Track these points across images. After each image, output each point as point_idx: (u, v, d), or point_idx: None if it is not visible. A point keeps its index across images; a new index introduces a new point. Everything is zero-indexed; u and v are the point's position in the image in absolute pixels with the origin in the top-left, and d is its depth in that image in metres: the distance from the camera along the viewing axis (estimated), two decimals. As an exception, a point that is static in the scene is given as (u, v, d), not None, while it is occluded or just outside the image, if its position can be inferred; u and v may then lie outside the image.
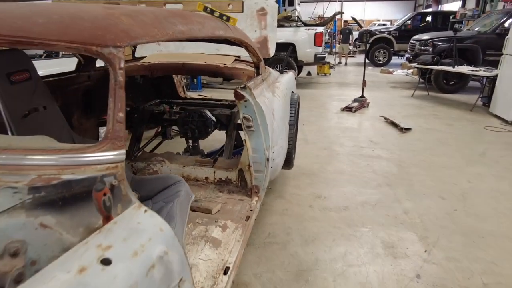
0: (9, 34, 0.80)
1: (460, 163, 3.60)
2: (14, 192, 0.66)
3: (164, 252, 0.69)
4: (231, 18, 1.61)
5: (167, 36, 1.06)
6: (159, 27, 1.04)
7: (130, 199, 0.77)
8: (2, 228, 0.62)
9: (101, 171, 0.73)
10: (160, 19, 1.08)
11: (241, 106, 1.76)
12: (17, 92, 1.27)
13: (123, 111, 0.83)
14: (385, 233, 2.39)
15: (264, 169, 1.89)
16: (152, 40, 0.98)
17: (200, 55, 2.82)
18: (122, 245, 0.63)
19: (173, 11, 1.22)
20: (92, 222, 0.70)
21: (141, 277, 0.61)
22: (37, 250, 0.65)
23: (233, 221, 1.73)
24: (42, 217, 0.66)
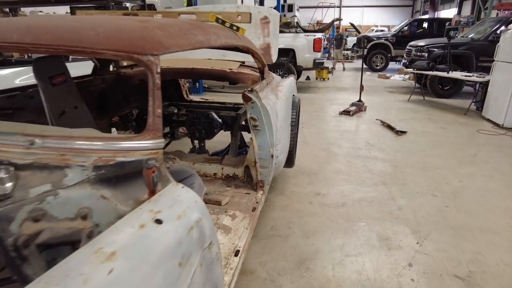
0: (68, 44, 0.97)
1: (453, 164, 3.79)
2: (82, 170, 0.83)
3: (199, 218, 0.86)
4: (240, 28, 1.80)
5: (190, 46, 1.24)
6: (184, 38, 1.22)
7: (168, 179, 0.94)
8: (75, 196, 0.79)
9: (146, 155, 0.90)
10: (184, 31, 1.26)
11: (249, 107, 1.94)
12: (56, 93, 1.44)
13: (161, 108, 1.01)
14: (380, 227, 2.56)
15: (269, 165, 2.07)
16: (179, 50, 1.16)
17: (207, 61, 3.00)
18: (168, 211, 0.80)
19: (193, 23, 1.40)
20: (139, 196, 0.87)
21: (184, 235, 0.78)
22: (99, 216, 0.81)
23: (241, 212, 1.90)
24: (102, 190, 0.83)
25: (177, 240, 0.75)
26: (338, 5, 27.74)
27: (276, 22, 3.16)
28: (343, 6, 28.13)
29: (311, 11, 20.99)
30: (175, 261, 0.72)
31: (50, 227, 0.73)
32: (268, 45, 3.03)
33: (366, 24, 25.66)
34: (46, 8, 9.42)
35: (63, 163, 0.82)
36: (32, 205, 0.74)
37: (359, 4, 28.13)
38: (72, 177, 0.81)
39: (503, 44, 5.28)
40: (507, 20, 7.07)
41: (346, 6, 28.20)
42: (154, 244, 0.70)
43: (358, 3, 28.13)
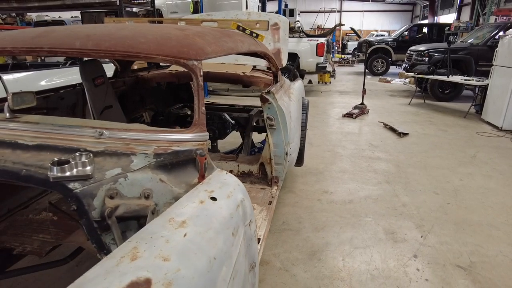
0: (125, 50, 1.13)
1: (453, 164, 3.94)
2: (145, 157, 0.98)
3: (243, 199, 1.01)
4: (259, 35, 1.96)
5: (224, 52, 1.40)
6: (219, 44, 1.38)
7: (213, 167, 1.10)
8: (140, 179, 0.94)
9: (194, 146, 1.06)
10: (217, 39, 1.42)
11: (265, 108, 2.10)
12: (98, 93, 1.60)
13: (204, 106, 1.16)
14: (386, 222, 2.71)
15: (283, 162, 2.22)
16: (216, 56, 1.31)
17: (221, 65, 3.17)
18: (219, 191, 0.95)
19: (223, 32, 1.56)
20: (189, 180, 1.02)
21: (234, 210, 0.93)
22: (158, 196, 0.96)
23: (258, 205, 2.05)
24: (160, 174, 0.98)
25: (230, 214, 0.90)
26: (339, 9, 28.09)
27: (286, 28, 3.32)
28: (344, 11, 28.48)
29: (312, 16, 21.28)
30: (229, 231, 0.86)
31: (124, 203, 0.88)
32: (278, 50, 3.20)
33: (366, 29, 25.98)
34: (52, 13, 9.59)
35: (129, 150, 0.97)
36: (109, 185, 0.89)
37: (360, 9, 28.48)
38: (137, 162, 0.96)
39: (501, 49, 5.46)
40: (505, 26, 7.26)
41: (346, 11, 28.55)
42: (213, 215, 0.85)
43: (358, 8, 28.48)
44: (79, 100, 2.36)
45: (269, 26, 3.29)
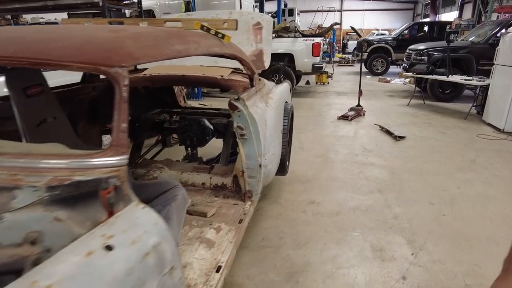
0: (32, 56, 0.93)
1: (451, 169, 3.71)
2: (34, 190, 0.78)
3: (158, 243, 0.81)
4: (226, 35, 1.76)
5: (165, 56, 1.20)
6: (158, 48, 1.18)
7: (130, 198, 0.90)
8: (23, 220, 0.74)
9: (106, 173, 0.86)
10: (159, 41, 1.22)
11: (235, 116, 1.89)
12: (31, 104, 1.41)
13: (126, 122, 0.96)
14: (374, 237, 2.50)
15: (257, 175, 2.01)
16: (151, 61, 1.11)
17: (199, 67, 2.96)
18: (123, 235, 0.75)
19: (171, 32, 1.36)
20: (98, 217, 0.82)
21: (137, 262, 0.73)
22: (52, 239, 0.77)
23: (227, 224, 1.85)
24: (57, 212, 0.78)
25: (127, 269, 0.70)
26: (339, 9, 27.82)
27: (269, 28, 3.12)
28: (344, 10, 28.20)
29: (312, 15, 21.06)
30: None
31: (-7, 254, 0.69)
32: (260, 51, 2.99)
33: (367, 28, 25.70)
34: (47, 15, 9.45)
35: (13, 183, 0.77)
36: None
37: (360, 8, 28.18)
38: (22, 198, 0.77)
39: (502, 47, 5.22)
40: (507, 23, 7.00)
41: (347, 10, 28.27)
42: (100, 274, 0.65)
43: (359, 7, 28.19)
44: None
45: (252, 25, 3.09)
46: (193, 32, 1.57)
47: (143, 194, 1.80)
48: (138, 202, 0.90)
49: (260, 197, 3.06)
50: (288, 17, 19.76)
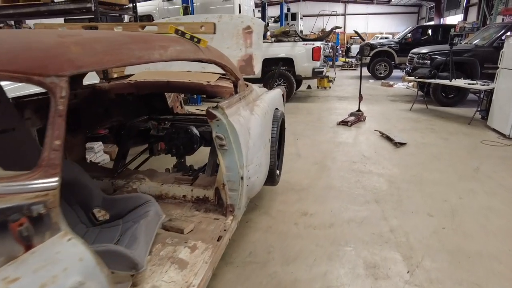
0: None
1: (453, 178, 3.55)
2: None
3: (80, 283, 0.69)
4: (202, 40, 1.64)
5: (120, 62, 1.08)
6: (112, 54, 1.06)
7: (59, 227, 0.78)
8: None
9: (29, 199, 0.74)
10: (115, 46, 1.10)
11: (214, 125, 1.77)
12: None
13: (61, 139, 0.85)
14: (368, 252, 2.35)
15: (239, 188, 1.89)
16: (100, 68, 1.00)
17: (186, 73, 2.86)
18: (31, 277, 0.63)
19: (134, 37, 1.25)
20: (14, 251, 0.70)
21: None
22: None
23: (204, 242, 1.72)
24: None
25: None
26: (343, 13, 27.73)
27: (260, 32, 3.01)
28: (348, 14, 28.08)
29: (318, 20, 20.96)
30: None
31: None
32: (250, 56, 2.88)
33: (371, 32, 25.52)
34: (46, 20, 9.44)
35: None
36: None
37: (364, 12, 28.04)
38: None
39: (507, 50, 5.05)
40: None
41: (350, 14, 28.15)
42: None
43: (363, 11, 28.05)
44: None
45: (242, 29, 2.98)
46: (163, 37, 1.46)
47: (114, 210, 1.69)
48: (65, 233, 0.78)
49: (249, 208, 2.94)
50: (291, 21, 19.75)
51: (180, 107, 4.26)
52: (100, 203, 1.69)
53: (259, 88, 2.93)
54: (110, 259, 1.29)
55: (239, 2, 8.37)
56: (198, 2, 8.38)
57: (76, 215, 1.67)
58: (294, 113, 7.06)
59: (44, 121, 2.30)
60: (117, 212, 1.70)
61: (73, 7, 4.50)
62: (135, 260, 1.30)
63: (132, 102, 3.16)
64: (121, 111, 3.07)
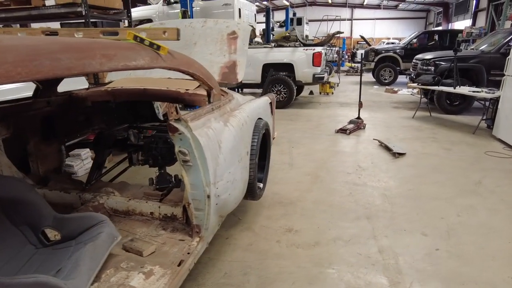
0: None
1: (452, 193, 3.34)
2: None
3: None
4: (161, 46, 1.51)
5: (39, 75, 0.95)
6: (28, 65, 0.92)
7: None
8: None
9: None
10: (36, 56, 0.97)
11: (176, 140, 1.63)
12: None
13: None
14: (352, 275, 2.17)
15: (205, 207, 1.73)
16: (7, 82, 0.86)
17: (166, 80, 2.73)
18: None
19: (68, 45, 1.11)
20: None
21: None
22: None
23: (162, 267, 1.56)
24: None
25: None
26: (349, 17, 27.53)
27: (246, 38, 2.87)
28: (355, 19, 27.86)
29: (323, 25, 20.81)
30: None
31: None
32: (234, 62, 2.74)
33: (378, 37, 25.27)
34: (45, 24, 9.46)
35: None
36: None
37: (371, 17, 27.78)
38: None
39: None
40: (520, 31, 6.58)
41: (357, 19, 27.92)
42: None
43: (370, 16, 27.80)
44: None
45: (226, 35, 2.85)
46: (112, 44, 1.32)
47: (66, 230, 1.55)
48: None
49: (232, 222, 2.79)
50: (297, 26, 19.64)
51: (176, 113, 4.12)
52: (50, 222, 1.56)
53: (242, 96, 2.79)
54: (40, 293, 1.15)
55: (239, 7, 8.27)
56: (199, 6, 8.31)
57: (23, 236, 1.54)
58: (293, 120, 6.90)
59: (11, 130, 2.18)
60: (69, 232, 1.56)
61: (64, 11, 4.43)
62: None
63: (115, 109, 3.04)
64: (103, 118, 2.96)
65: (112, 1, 4.76)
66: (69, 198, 2.13)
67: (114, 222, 1.97)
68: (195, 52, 2.83)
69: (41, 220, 1.53)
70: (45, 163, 2.48)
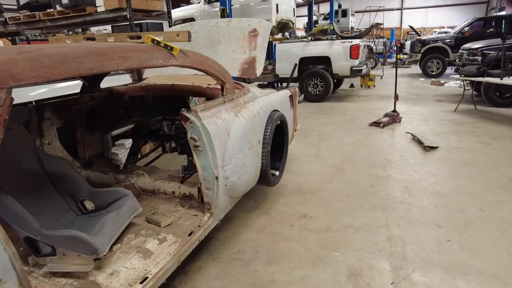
0: None
1: (479, 188, 3.23)
2: None
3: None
4: (174, 47, 1.76)
5: (67, 74, 1.24)
6: (59, 67, 1.22)
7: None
8: None
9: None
10: (65, 60, 1.26)
11: (188, 127, 1.89)
12: None
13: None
14: (357, 259, 2.28)
15: (214, 187, 1.98)
16: (43, 80, 1.16)
17: (192, 76, 3.02)
18: None
19: (91, 50, 1.40)
20: None
21: None
22: None
23: (174, 235, 1.84)
24: None
25: None
26: (399, 7, 26.10)
27: (266, 35, 3.06)
28: (405, 8, 26.34)
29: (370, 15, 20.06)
30: None
31: None
32: (253, 58, 2.94)
33: (430, 26, 23.68)
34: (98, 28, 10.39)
35: None
36: None
37: (423, 5, 26.05)
38: None
39: None
40: None
41: (408, 8, 26.36)
42: None
43: (422, 4, 26.07)
44: (33, 117, 2.41)
45: (248, 33, 3.06)
46: (129, 47, 1.60)
47: (98, 201, 1.90)
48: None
49: (251, 207, 3.02)
50: (342, 18, 19.17)
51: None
52: (87, 194, 1.91)
53: (260, 90, 2.99)
54: (74, 244, 1.48)
55: (277, 2, 8.40)
56: (238, 3, 8.60)
57: (67, 204, 1.91)
58: (327, 113, 6.92)
59: (63, 121, 2.62)
60: (101, 203, 1.90)
61: (113, 16, 4.95)
62: (94, 245, 1.47)
63: (152, 103, 3.42)
64: (141, 111, 3.34)
65: (154, 4, 5.21)
66: (107, 179, 2.51)
67: (142, 199, 2.31)
68: (219, 50, 3.08)
69: (79, 192, 1.89)
70: (90, 149, 2.91)
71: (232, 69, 2.89)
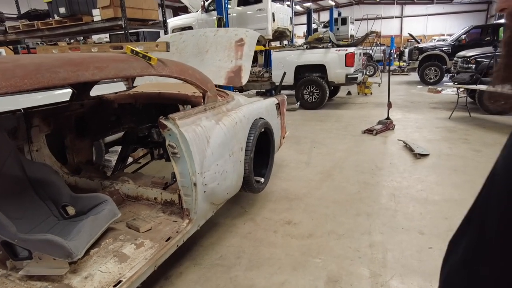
0: None
1: (467, 195, 3.25)
2: None
3: None
4: (152, 57, 1.82)
5: (40, 84, 1.30)
6: (32, 77, 1.28)
7: None
8: None
9: None
10: (39, 70, 1.32)
11: (166, 135, 1.94)
12: None
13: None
14: (337, 265, 2.30)
15: (192, 193, 2.01)
16: (15, 90, 1.22)
17: (179, 85, 3.07)
18: None
19: (67, 60, 1.45)
20: None
21: None
22: None
23: (152, 241, 1.88)
24: None
25: None
26: (399, 15, 26.30)
27: (252, 44, 3.12)
28: (405, 16, 26.54)
29: (370, 23, 20.22)
30: None
31: None
32: (239, 67, 3.00)
33: (430, 34, 23.81)
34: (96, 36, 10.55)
35: None
36: None
37: (423, 13, 26.23)
38: None
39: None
40: None
41: (408, 16, 26.55)
42: None
43: (421, 12, 26.25)
44: (21, 124, 2.47)
45: (234, 42, 3.13)
46: (106, 57, 1.66)
47: (79, 206, 1.94)
48: None
49: (237, 213, 3.05)
50: (342, 26, 19.32)
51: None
52: (68, 199, 1.96)
53: (245, 98, 3.04)
54: (49, 247, 1.52)
55: (273, 11, 8.52)
56: (235, 12, 8.73)
57: (48, 209, 1.95)
58: (322, 120, 6.97)
59: (51, 128, 2.68)
60: (81, 208, 1.94)
61: (108, 25, 5.05)
62: (69, 249, 1.51)
63: (142, 110, 3.48)
64: (132, 118, 3.40)
65: (149, 13, 5.31)
66: (93, 184, 2.55)
67: (125, 205, 2.35)
68: (206, 59, 3.14)
69: (60, 197, 1.93)
70: (78, 156, 2.96)
71: (219, 77, 2.95)
